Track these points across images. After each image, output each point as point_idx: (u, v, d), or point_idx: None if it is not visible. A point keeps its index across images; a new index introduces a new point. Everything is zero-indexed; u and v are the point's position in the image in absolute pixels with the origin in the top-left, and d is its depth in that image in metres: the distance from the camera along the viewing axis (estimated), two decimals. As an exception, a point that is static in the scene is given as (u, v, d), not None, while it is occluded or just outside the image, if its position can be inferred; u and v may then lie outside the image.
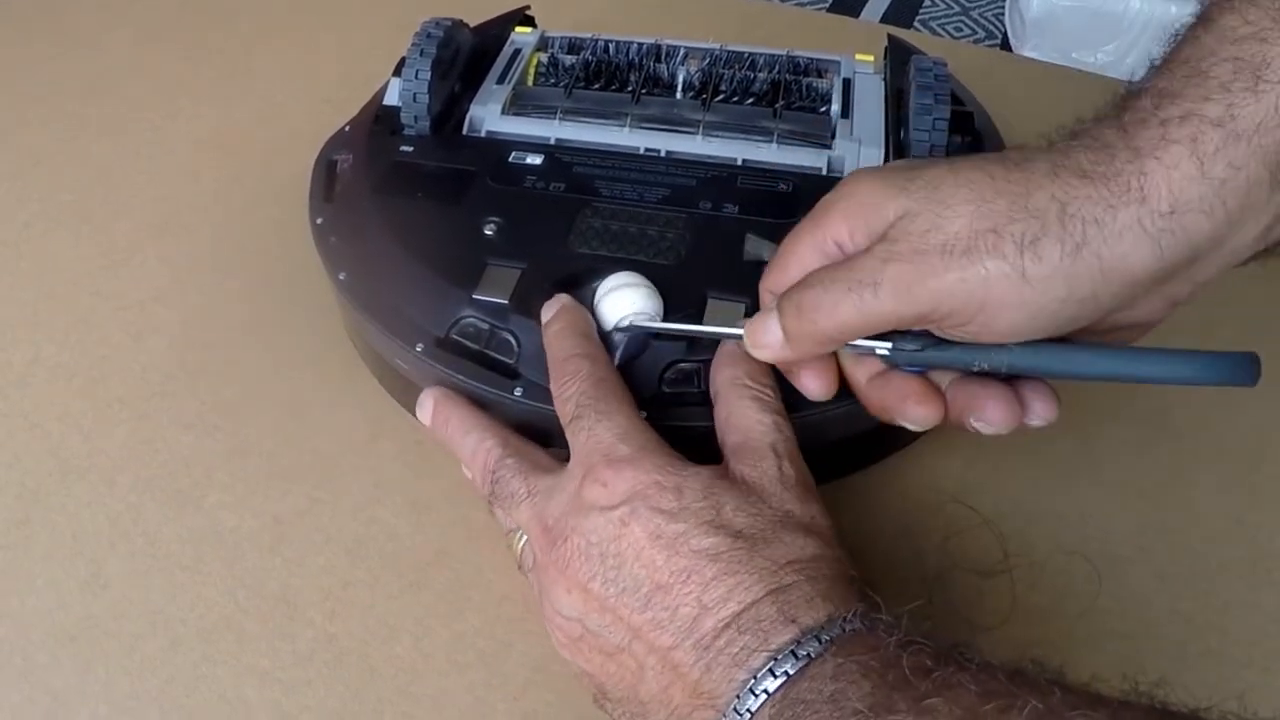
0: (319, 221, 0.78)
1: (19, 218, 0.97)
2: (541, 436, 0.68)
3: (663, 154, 0.80)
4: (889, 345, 0.60)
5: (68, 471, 0.76)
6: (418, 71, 0.80)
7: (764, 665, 0.51)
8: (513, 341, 0.69)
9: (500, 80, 0.86)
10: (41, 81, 1.14)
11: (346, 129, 0.86)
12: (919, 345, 0.59)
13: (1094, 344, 0.59)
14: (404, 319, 0.71)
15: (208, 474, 0.76)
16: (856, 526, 0.72)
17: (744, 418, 0.63)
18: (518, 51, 0.89)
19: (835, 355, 0.64)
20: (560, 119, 0.82)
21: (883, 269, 0.56)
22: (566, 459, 0.62)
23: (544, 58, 0.88)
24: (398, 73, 0.84)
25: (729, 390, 0.64)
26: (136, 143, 1.05)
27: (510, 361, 0.69)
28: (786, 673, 0.50)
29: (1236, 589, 0.69)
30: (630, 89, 0.84)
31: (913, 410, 0.60)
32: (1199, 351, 0.57)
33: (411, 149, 0.80)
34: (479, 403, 0.69)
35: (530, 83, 0.86)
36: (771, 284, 0.64)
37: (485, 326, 0.69)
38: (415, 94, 0.80)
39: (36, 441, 0.78)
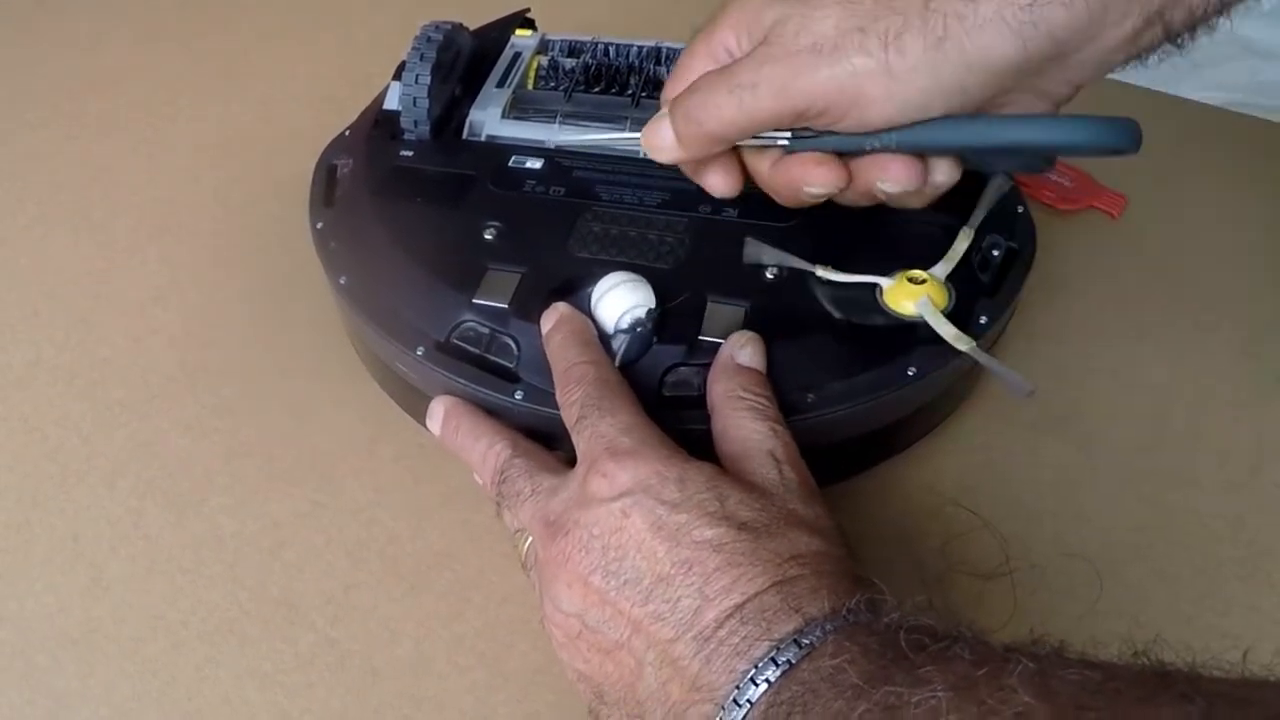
0: (319, 226, 0.78)
1: (19, 219, 0.97)
2: (543, 440, 0.68)
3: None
4: (788, 134, 0.64)
5: (68, 474, 0.76)
6: (418, 76, 0.80)
7: (766, 654, 0.50)
8: (513, 346, 0.69)
9: (500, 84, 0.86)
10: (42, 82, 1.14)
11: (346, 133, 0.86)
12: (814, 132, 0.63)
13: (978, 115, 0.61)
14: (404, 323, 0.71)
15: (208, 477, 0.76)
16: (856, 530, 0.71)
17: (740, 428, 0.63)
18: (518, 55, 0.89)
19: (738, 154, 0.69)
20: (560, 123, 0.82)
21: (759, 70, 0.61)
22: (574, 462, 0.62)
23: (544, 61, 0.88)
24: (398, 77, 0.84)
25: (724, 403, 0.64)
26: (137, 144, 1.05)
27: (510, 365, 0.69)
28: (789, 661, 0.49)
29: (1237, 591, 0.69)
30: (630, 92, 0.84)
31: (816, 174, 0.64)
32: (1081, 115, 0.61)
33: (411, 153, 0.80)
34: (480, 406, 0.69)
35: (530, 86, 0.86)
36: (669, 92, 0.67)
37: (485, 331, 0.69)
38: (415, 98, 0.80)
39: (36, 444, 0.78)
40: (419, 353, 0.69)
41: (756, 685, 0.50)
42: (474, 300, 0.69)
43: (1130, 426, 0.78)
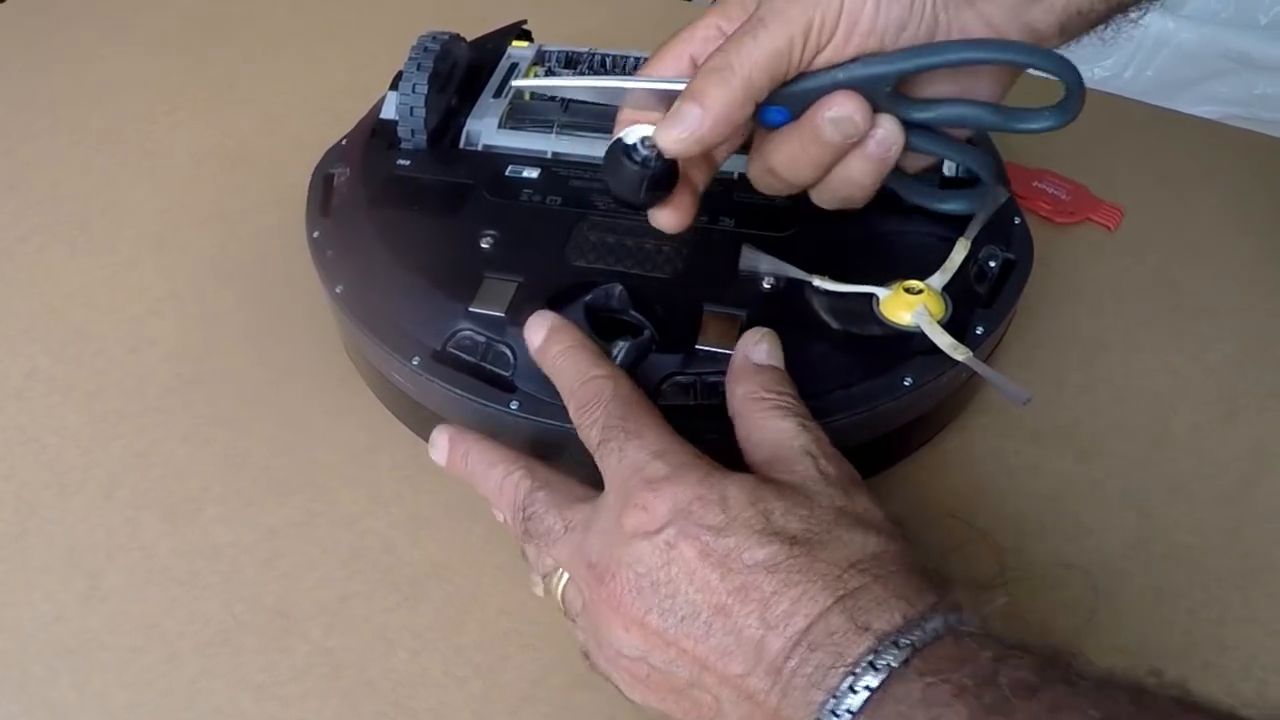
0: (316, 235, 0.78)
1: (17, 230, 0.97)
2: (545, 450, 0.68)
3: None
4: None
5: (65, 485, 0.76)
6: (415, 85, 0.80)
7: (843, 683, 0.48)
8: (509, 354, 0.69)
9: (497, 94, 0.86)
10: (42, 93, 1.14)
11: (343, 142, 0.86)
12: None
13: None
14: (401, 332, 0.71)
15: (204, 487, 0.76)
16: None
17: (768, 429, 0.61)
18: (514, 65, 0.89)
19: (692, 191, 0.69)
20: (557, 133, 0.82)
21: (762, 9, 0.63)
22: (580, 476, 0.62)
23: (540, 71, 0.88)
24: (395, 86, 0.84)
25: (747, 406, 0.62)
26: (135, 155, 1.05)
27: (507, 374, 0.69)
28: (868, 687, 0.47)
29: (1234, 602, 0.69)
30: (627, 102, 0.84)
31: (836, 101, 0.64)
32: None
33: (408, 162, 0.80)
34: (476, 417, 0.69)
35: (527, 96, 0.86)
36: (654, 68, 0.68)
37: (482, 339, 0.69)
38: (412, 108, 0.80)
39: (33, 454, 0.78)
40: (415, 362, 0.69)
41: (839, 717, 0.48)
42: (470, 309, 0.69)
43: (1127, 437, 0.78)
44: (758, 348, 0.65)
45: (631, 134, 0.65)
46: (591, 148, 0.81)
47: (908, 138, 0.66)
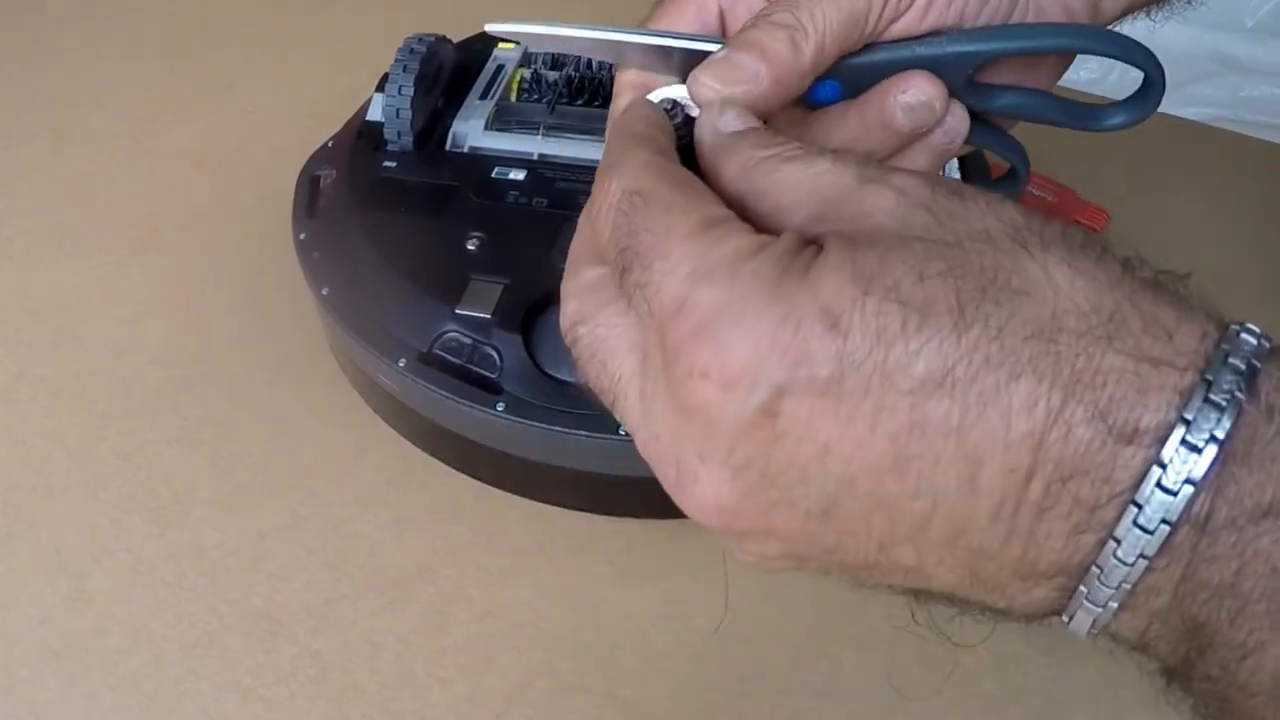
0: (302, 237, 0.78)
1: (3, 232, 0.97)
2: (523, 466, 0.68)
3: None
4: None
5: (51, 487, 0.76)
6: (401, 87, 0.80)
7: (1122, 518, 0.35)
8: (495, 356, 0.69)
9: (483, 96, 0.86)
10: (27, 96, 1.14)
11: (329, 144, 0.86)
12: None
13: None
14: (387, 334, 0.71)
15: (191, 489, 0.76)
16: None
17: (796, 184, 0.42)
18: (501, 67, 0.89)
19: None
20: (543, 134, 0.82)
21: None
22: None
23: (527, 73, 0.88)
24: (381, 88, 0.84)
25: (751, 177, 0.44)
26: (120, 158, 1.05)
27: (493, 376, 0.69)
28: (1166, 520, 0.34)
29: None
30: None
31: (911, 81, 0.53)
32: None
33: (394, 164, 0.80)
34: (462, 419, 0.69)
35: (513, 98, 0.86)
36: (676, 16, 0.54)
37: (468, 341, 0.69)
38: (398, 109, 0.80)
39: (20, 457, 0.78)
40: (401, 364, 0.69)
41: (1125, 563, 0.35)
42: (456, 310, 0.69)
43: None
44: (724, 116, 0.47)
45: (657, 95, 0.53)
46: (578, 149, 0.81)
47: None
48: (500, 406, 0.67)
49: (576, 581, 0.71)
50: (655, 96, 0.52)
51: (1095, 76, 1.76)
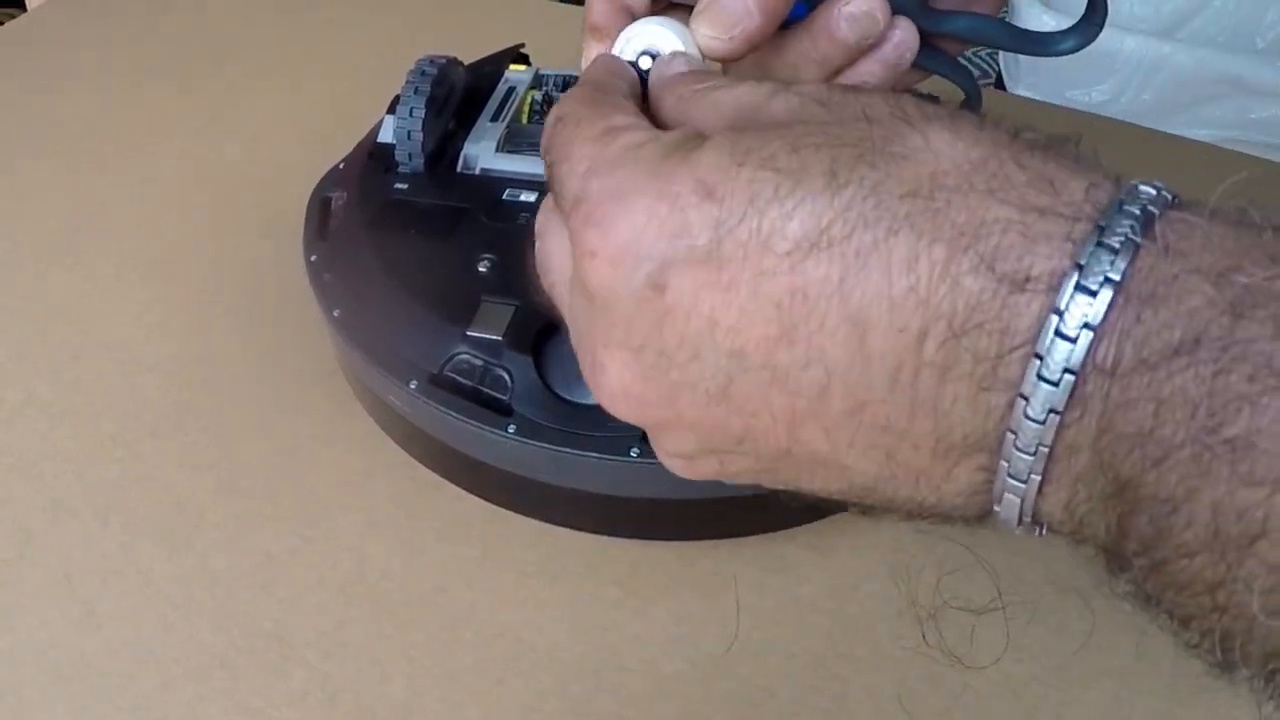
0: (313, 258, 0.78)
1: (10, 255, 0.97)
2: (534, 487, 0.68)
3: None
4: None
5: (60, 510, 0.76)
6: (412, 109, 0.80)
7: (1027, 371, 0.34)
8: (506, 378, 0.69)
9: (494, 118, 0.86)
10: (35, 118, 1.14)
11: (340, 166, 0.86)
12: None
13: None
14: (398, 356, 0.71)
15: (200, 512, 0.76)
16: (849, 566, 0.72)
17: (720, 104, 0.44)
18: (512, 89, 0.89)
19: None
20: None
21: None
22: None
23: (538, 95, 0.88)
24: (392, 110, 0.84)
25: (683, 108, 0.46)
26: (130, 180, 1.05)
27: (504, 398, 0.68)
28: (1068, 369, 0.34)
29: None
30: (623, 126, 0.84)
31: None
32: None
33: (406, 186, 0.80)
34: (473, 440, 0.69)
35: (525, 120, 0.86)
36: None
37: (479, 363, 0.69)
38: (409, 131, 0.80)
39: (29, 480, 0.78)
40: (412, 386, 0.69)
41: (1035, 421, 0.34)
42: (468, 333, 0.69)
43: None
44: (671, 64, 0.50)
45: (628, 48, 0.53)
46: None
47: None
48: (511, 428, 0.67)
49: (587, 603, 0.71)
50: (629, 48, 0.53)
51: (1107, 98, 1.76)
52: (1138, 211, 0.35)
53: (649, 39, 0.52)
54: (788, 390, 0.38)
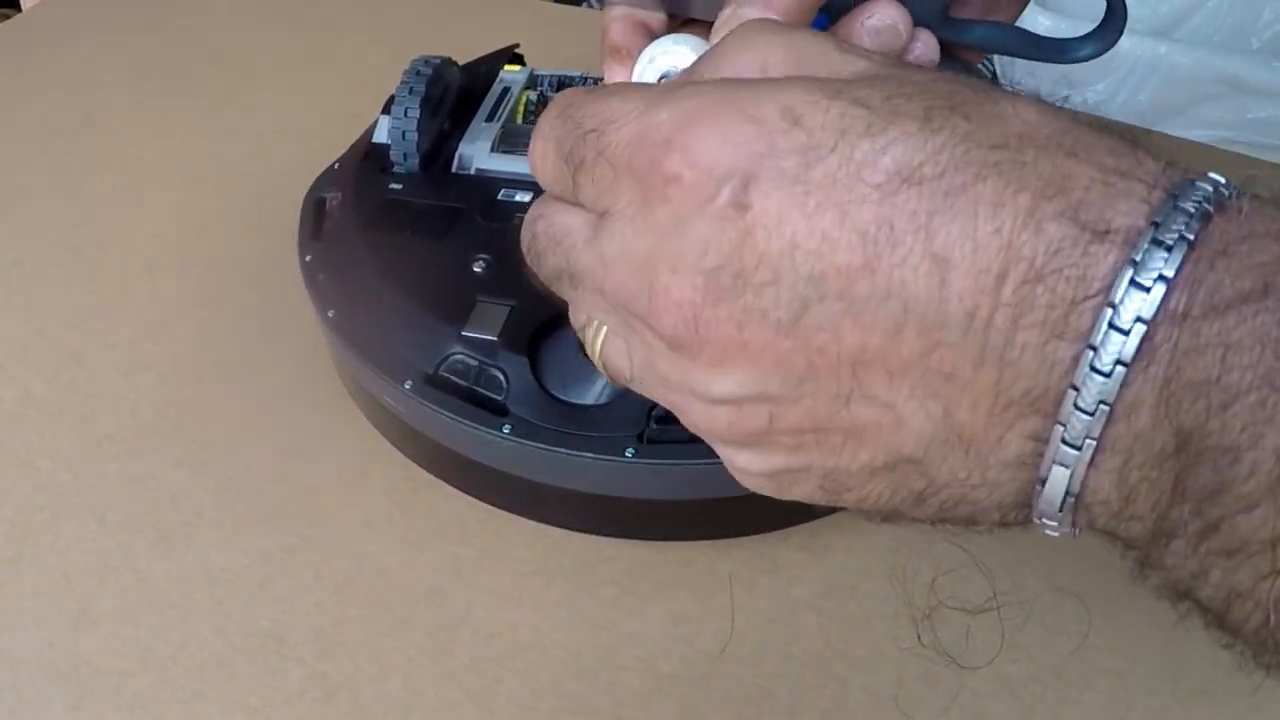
0: (308, 259, 0.78)
1: (8, 255, 0.97)
2: (530, 488, 0.68)
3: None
4: None
5: (58, 509, 0.76)
6: (407, 109, 0.80)
7: (1099, 321, 0.34)
8: (501, 378, 0.69)
9: (489, 118, 0.86)
10: (32, 118, 1.14)
11: (335, 166, 0.86)
12: None
13: None
14: (393, 356, 0.71)
15: (197, 511, 0.76)
16: (844, 566, 0.72)
17: (774, 45, 0.42)
18: (507, 89, 0.89)
19: None
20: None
21: None
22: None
23: (533, 95, 0.88)
24: (387, 110, 0.84)
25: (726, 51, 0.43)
26: (126, 180, 1.05)
27: (499, 398, 0.68)
28: (1140, 318, 0.34)
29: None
30: (619, 126, 0.84)
31: (877, 9, 0.52)
32: None
33: (400, 186, 0.80)
34: (468, 440, 0.69)
35: (519, 120, 0.86)
36: None
37: (474, 363, 0.69)
38: (404, 131, 0.80)
39: (26, 479, 0.78)
40: (407, 386, 0.69)
41: (1102, 373, 0.34)
42: (463, 333, 0.69)
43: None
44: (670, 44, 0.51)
45: (650, 69, 0.53)
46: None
47: None
48: (506, 429, 0.67)
49: (583, 603, 0.71)
50: (652, 68, 0.53)
51: (1103, 98, 1.76)
52: (1209, 188, 0.35)
53: (671, 59, 0.52)
54: (862, 324, 0.37)
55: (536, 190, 0.78)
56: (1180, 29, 1.87)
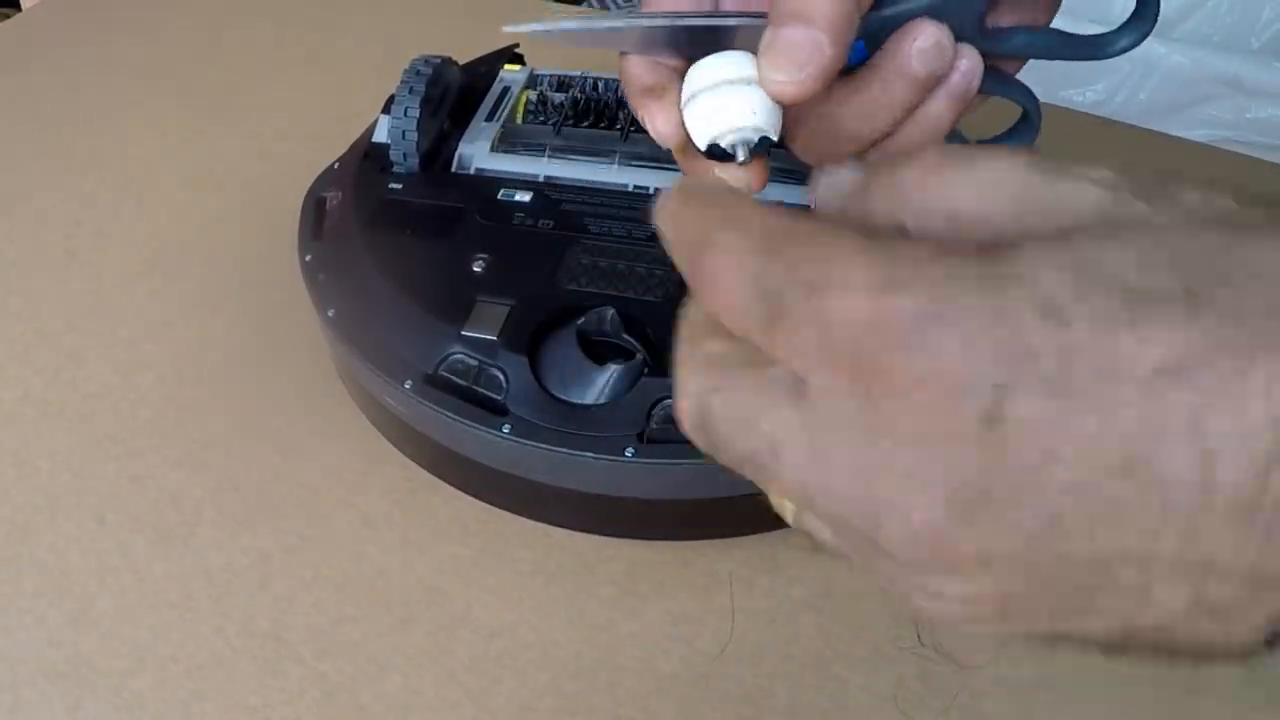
0: (308, 258, 0.78)
1: (7, 254, 0.97)
2: (529, 487, 0.68)
3: (651, 191, 0.80)
4: None
5: (56, 508, 0.76)
6: (407, 109, 0.80)
7: None
8: (501, 378, 0.69)
9: (489, 118, 0.86)
10: (30, 118, 1.14)
11: (335, 166, 0.86)
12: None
13: None
14: (392, 355, 0.71)
15: (197, 511, 0.76)
16: (845, 568, 0.72)
17: (979, 185, 0.38)
18: (507, 89, 0.89)
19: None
20: (549, 156, 0.82)
21: None
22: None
23: (533, 95, 0.88)
24: (387, 110, 0.84)
25: (903, 195, 0.39)
26: (125, 179, 1.05)
27: (499, 398, 0.68)
28: None
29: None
30: (619, 126, 0.84)
31: (920, 28, 0.52)
32: None
33: (400, 186, 0.80)
34: (468, 440, 0.69)
35: (519, 120, 0.86)
36: None
37: (474, 363, 0.69)
38: (404, 131, 0.80)
39: (26, 478, 0.78)
40: (407, 386, 0.69)
41: None
42: (463, 333, 0.69)
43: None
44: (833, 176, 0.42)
45: (703, 135, 0.51)
46: (584, 171, 0.81)
47: None
48: (506, 428, 0.67)
49: (582, 603, 0.71)
50: (706, 113, 0.51)
51: (1102, 98, 1.76)
52: None
53: (717, 72, 0.50)
54: (1119, 527, 0.33)
55: (536, 190, 0.78)
56: (1179, 28, 1.86)
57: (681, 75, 0.53)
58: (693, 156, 0.54)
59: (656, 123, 0.53)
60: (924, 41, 0.52)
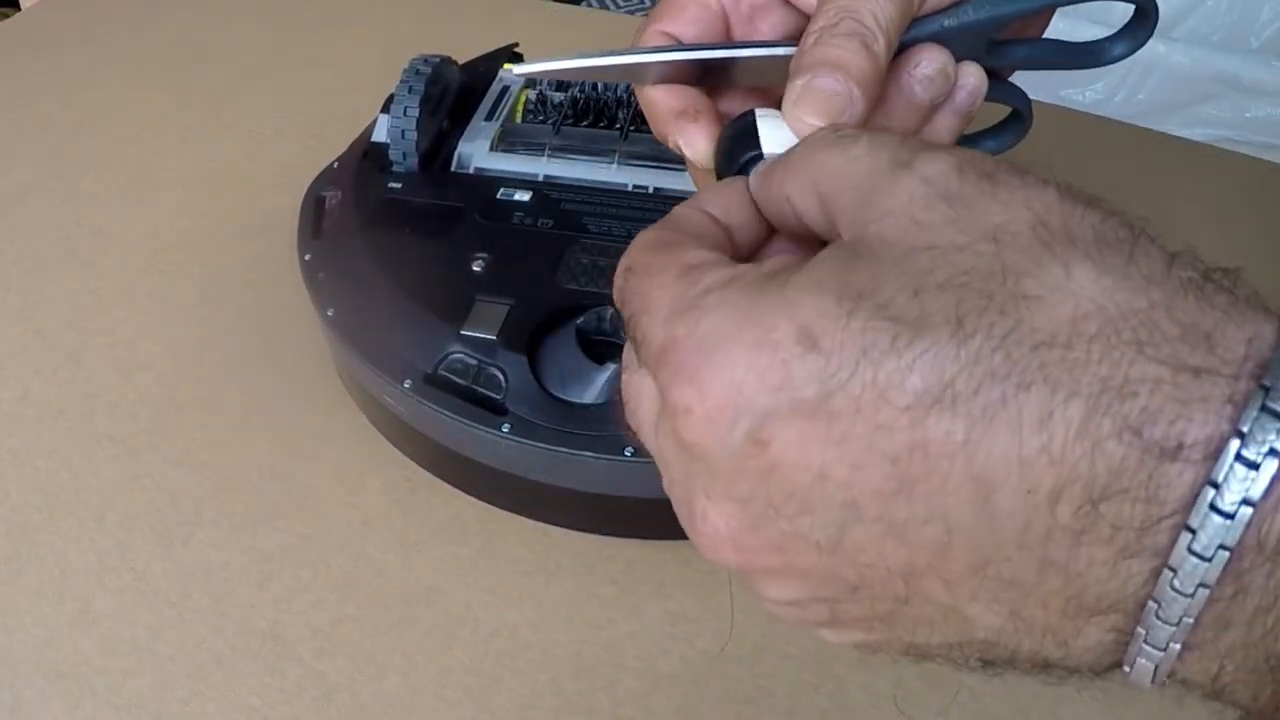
0: (307, 258, 0.78)
1: (7, 254, 0.97)
2: (529, 487, 0.68)
3: (651, 190, 0.80)
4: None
5: (56, 508, 0.76)
6: (406, 108, 0.80)
7: (1178, 542, 0.31)
8: (500, 377, 0.69)
9: (488, 117, 0.86)
10: (30, 117, 1.14)
11: (335, 165, 0.86)
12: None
13: None
14: (392, 355, 0.71)
15: (196, 510, 0.76)
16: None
17: (835, 173, 0.39)
18: (506, 89, 0.89)
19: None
20: (548, 156, 0.82)
21: None
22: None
23: (532, 94, 0.88)
24: (386, 109, 0.84)
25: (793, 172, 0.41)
26: (125, 179, 1.05)
27: (498, 397, 0.68)
28: (1224, 545, 0.31)
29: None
30: (619, 126, 0.84)
31: (926, 54, 0.53)
32: None
33: (400, 185, 0.80)
34: (467, 440, 0.69)
35: (518, 119, 0.86)
36: (677, 19, 0.55)
37: (473, 362, 0.69)
38: (404, 130, 0.80)
39: (25, 478, 0.78)
40: (406, 385, 0.69)
41: (1183, 593, 0.32)
42: (462, 332, 0.69)
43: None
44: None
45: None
46: (583, 171, 0.81)
47: None
48: (505, 428, 0.67)
49: (582, 602, 0.71)
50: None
51: (1101, 98, 1.76)
52: None
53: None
54: (905, 543, 0.34)
55: (535, 189, 0.79)
56: (1178, 28, 1.87)
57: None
58: (708, 172, 0.54)
59: (697, 144, 0.54)
60: (927, 68, 0.53)
